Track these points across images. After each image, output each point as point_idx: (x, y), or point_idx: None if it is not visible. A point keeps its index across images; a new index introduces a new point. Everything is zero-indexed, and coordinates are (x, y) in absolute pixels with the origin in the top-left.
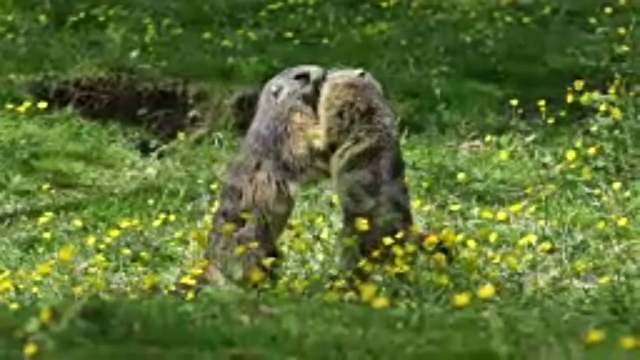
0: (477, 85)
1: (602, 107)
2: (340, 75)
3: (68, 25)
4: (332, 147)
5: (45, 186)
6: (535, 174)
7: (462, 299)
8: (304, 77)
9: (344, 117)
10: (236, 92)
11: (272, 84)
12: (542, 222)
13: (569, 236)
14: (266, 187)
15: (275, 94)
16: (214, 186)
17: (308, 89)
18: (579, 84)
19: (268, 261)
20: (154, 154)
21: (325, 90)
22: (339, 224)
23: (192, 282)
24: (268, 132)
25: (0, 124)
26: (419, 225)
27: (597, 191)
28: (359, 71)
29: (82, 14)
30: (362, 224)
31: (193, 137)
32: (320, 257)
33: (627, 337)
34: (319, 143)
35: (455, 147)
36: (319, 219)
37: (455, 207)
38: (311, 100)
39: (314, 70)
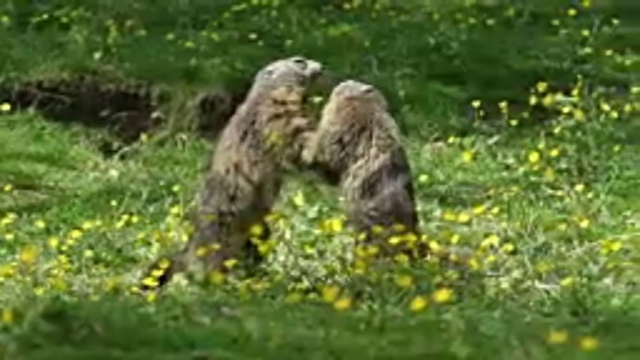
0: (440, 87)
1: (565, 109)
2: (348, 88)
3: (31, 26)
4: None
5: (8, 187)
6: (498, 175)
7: (419, 303)
8: (302, 62)
9: (351, 131)
10: (199, 93)
11: (269, 66)
12: (504, 224)
13: (531, 238)
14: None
15: (270, 72)
16: (176, 188)
17: (306, 71)
18: (542, 86)
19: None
20: (117, 156)
21: (332, 103)
22: (301, 226)
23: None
24: (249, 106)
25: None
26: None
27: (559, 193)
28: (366, 87)
29: (45, 16)
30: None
31: (156, 138)
32: (282, 258)
33: (588, 339)
34: (307, 155)
35: (418, 149)
36: (281, 221)
37: (417, 209)
38: (305, 85)
39: (313, 62)
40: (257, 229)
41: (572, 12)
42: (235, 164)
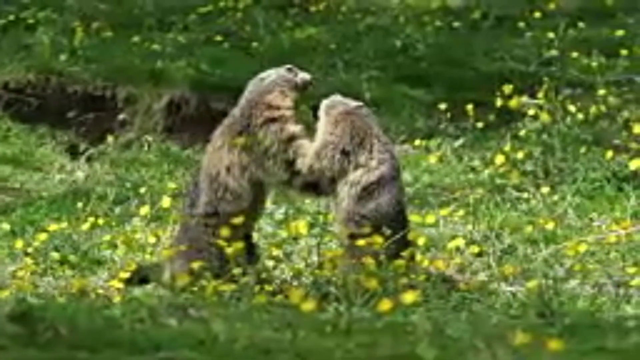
0: (407, 90)
1: (531, 111)
2: (341, 103)
3: None
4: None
5: None
6: (464, 177)
7: (386, 304)
8: (292, 70)
9: (352, 142)
10: (165, 95)
11: (261, 73)
12: (470, 226)
13: (497, 240)
14: (224, 156)
15: (263, 79)
16: (142, 189)
17: (297, 79)
18: (507, 88)
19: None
20: (83, 158)
21: (327, 116)
22: (267, 228)
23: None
24: (243, 109)
25: None
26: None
27: (525, 195)
28: (357, 103)
29: (11, 17)
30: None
31: (122, 140)
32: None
33: (554, 341)
34: (302, 164)
35: None
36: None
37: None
38: (297, 92)
39: (303, 72)
40: (225, 231)
41: (537, 14)
42: (226, 166)
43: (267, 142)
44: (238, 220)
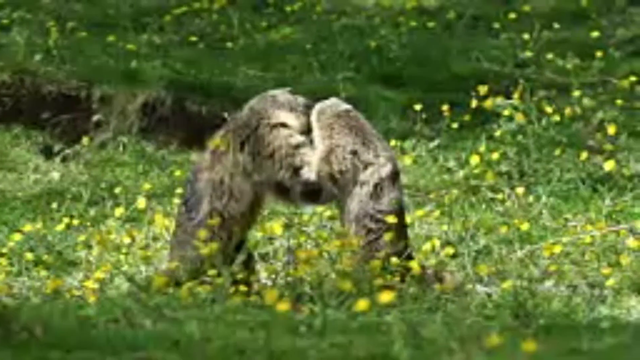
0: (382, 90)
1: (506, 112)
2: (330, 107)
3: None
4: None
5: None
6: (439, 178)
7: (361, 305)
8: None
9: (358, 141)
10: (140, 96)
11: (269, 92)
12: (445, 227)
13: (472, 241)
14: (226, 159)
15: (273, 96)
16: (117, 190)
17: (301, 101)
18: (482, 89)
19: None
20: (58, 158)
21: (319, 122)
22: None
23: None
24: (250, 114)
25: None
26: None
27: (500, 196)
28: (346, 106)
29: None
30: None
31: (97, 141)
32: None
33: (529, 342)
34: (309, 173)
35: None
36: None
37: None
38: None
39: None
40: (202, 233)
41: (512, 15)
42: (230, 173)
43: (277, 144)
44: (239, 224)
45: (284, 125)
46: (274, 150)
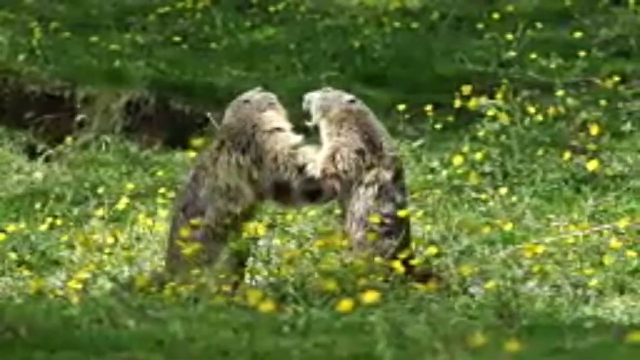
0: (365, 90)
1: (490, 113)
2: (336, 101)
3: None
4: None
5: None
6: (422, 179)
7: (344, 305)
8: (263, 91)
9: (363, 141)
10: (124, 95)
11: (242, 96)
12: (428, 227)
13: (455, 241)
14: (230, 167)
15: (247, 100)
16: (100, 190)
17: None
18: (466, 89)
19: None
20: (41, 158)
21: (326, 118)
22: None
23: None
24: (243, 123)
25: None
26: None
27: (483, 196)
28: (350, 97)
29: None
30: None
31: (80, 141)
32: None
33: (512, 342)
34: (314, 169)
35: None
36: None
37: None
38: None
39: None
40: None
41: (496, 15)
42: (236, 181)
43: (278, 148)
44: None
45: (278, 129)
46: (276, 154)
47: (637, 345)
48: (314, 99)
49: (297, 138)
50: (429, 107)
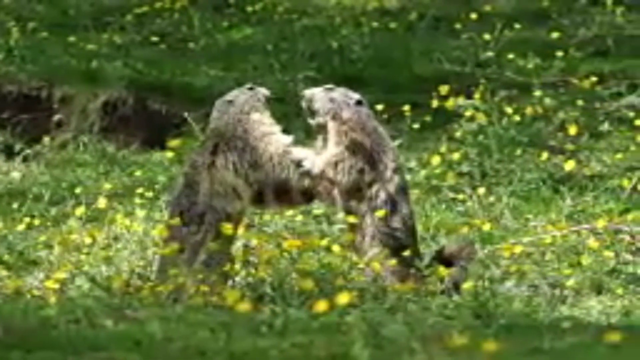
0: None
1: (467, 113)
2: (345, 105)
3: None
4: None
5: None
6: None
7: (322, 305)
8: (253, 89)
9: (368, 153)
10: (101, 95)
11: (226, 96)
12: None
13: (433, 241)
14: (228, 170)
15: (231, 101)
16: (78, 190)
17: (260, 96)
18: (444, 89)
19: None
20: (19, 158)
21: (335, 121)
22: None
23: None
24: (234, 128)
25: None
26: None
27: (461, 196)
28: (357, 96)
29: None
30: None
31: (58, 140)
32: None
33: (490, 342)
34: (312, 165)
35: None
36: None
37: (319, 212)
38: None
39: (262, 88)
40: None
41: (473, 15)
42: (233, 185)
43: (272, 149)
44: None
45: (269, 132)
46: (271, 155)
47: (614, 345)
48: (318, 98)
49: (288, 139)
50: (406, 107)
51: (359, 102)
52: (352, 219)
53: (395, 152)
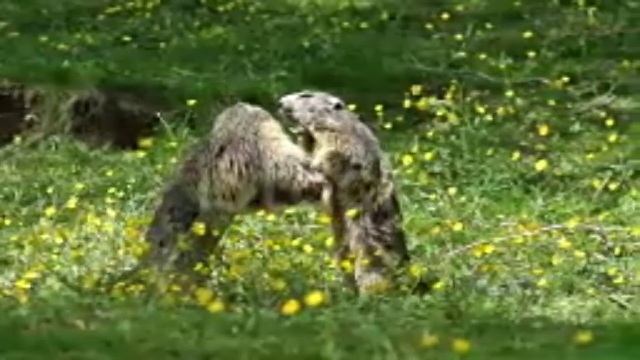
0: (315, 90)
1: (439, 113)
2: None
3: None
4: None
5: None
6: None
7: (292, 306)
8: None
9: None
10: (73, 95)
11: (228, 110)
12: None
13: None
14: (231, 172)
15: (235, 113)
16: (50, 190)
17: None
18: (416, 90)
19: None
20: None
21: (327, 132)
22: None
23: None
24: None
25: None
26: (254, 229)
27: (433, 196)
28: (335, 100)
29: None
30: None
31: (29, 140)
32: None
33: (461, 341)
34: (312, 160)
35: None
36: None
37: (291, 211)
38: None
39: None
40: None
41: (445, 15)
42: (235, 185)
43: (279, 151)
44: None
45: (279, 138)
46: (277, 158)
47: (584, 345)
48: (297, 107)
49: (296, 147)
50: (378, 107)
51: (338, 106)
52: (351, 213)
53: (387, 158)
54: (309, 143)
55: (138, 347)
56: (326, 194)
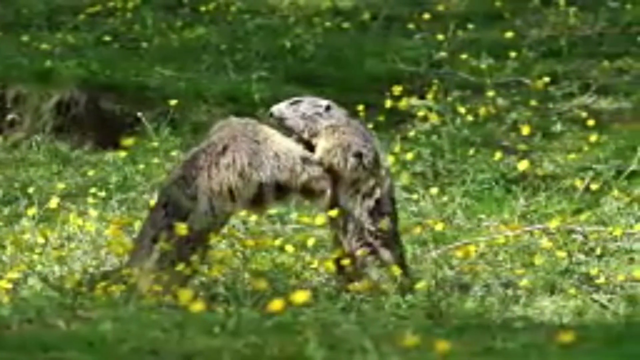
0: (296, 90)
1: (421, 113)
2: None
3: None
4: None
5: None
6: None
7: (276, 304)
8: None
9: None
10: (54, 95)
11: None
12: None
13: None
14: (232, 170)
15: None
16: (31, 190)
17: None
18: (397, 90)
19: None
20: None
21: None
22: None
23: None
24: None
25: None
26: (236, 229)
27: (414, 196)
28: (325, 102)
29: None
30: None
31: (11, 140)
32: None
33: (442, 342)
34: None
35: None
36: (137, 223)
37: (273, 211)
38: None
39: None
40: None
41: (427, 16)
42: (235, 183)
43: (278, 148)
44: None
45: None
46: (279, 156)
47: (566, 345)
48: (288, 116)
49: (294, 143)
50: (360, 107)
51: (328, 108)
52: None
53: (384, 156)
54: (306, 148)
55: (119, 347)
56: (326, 188)
